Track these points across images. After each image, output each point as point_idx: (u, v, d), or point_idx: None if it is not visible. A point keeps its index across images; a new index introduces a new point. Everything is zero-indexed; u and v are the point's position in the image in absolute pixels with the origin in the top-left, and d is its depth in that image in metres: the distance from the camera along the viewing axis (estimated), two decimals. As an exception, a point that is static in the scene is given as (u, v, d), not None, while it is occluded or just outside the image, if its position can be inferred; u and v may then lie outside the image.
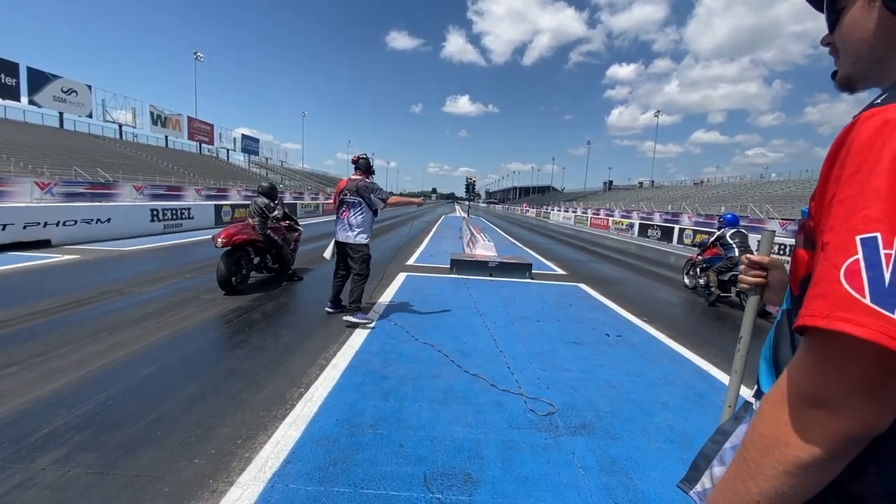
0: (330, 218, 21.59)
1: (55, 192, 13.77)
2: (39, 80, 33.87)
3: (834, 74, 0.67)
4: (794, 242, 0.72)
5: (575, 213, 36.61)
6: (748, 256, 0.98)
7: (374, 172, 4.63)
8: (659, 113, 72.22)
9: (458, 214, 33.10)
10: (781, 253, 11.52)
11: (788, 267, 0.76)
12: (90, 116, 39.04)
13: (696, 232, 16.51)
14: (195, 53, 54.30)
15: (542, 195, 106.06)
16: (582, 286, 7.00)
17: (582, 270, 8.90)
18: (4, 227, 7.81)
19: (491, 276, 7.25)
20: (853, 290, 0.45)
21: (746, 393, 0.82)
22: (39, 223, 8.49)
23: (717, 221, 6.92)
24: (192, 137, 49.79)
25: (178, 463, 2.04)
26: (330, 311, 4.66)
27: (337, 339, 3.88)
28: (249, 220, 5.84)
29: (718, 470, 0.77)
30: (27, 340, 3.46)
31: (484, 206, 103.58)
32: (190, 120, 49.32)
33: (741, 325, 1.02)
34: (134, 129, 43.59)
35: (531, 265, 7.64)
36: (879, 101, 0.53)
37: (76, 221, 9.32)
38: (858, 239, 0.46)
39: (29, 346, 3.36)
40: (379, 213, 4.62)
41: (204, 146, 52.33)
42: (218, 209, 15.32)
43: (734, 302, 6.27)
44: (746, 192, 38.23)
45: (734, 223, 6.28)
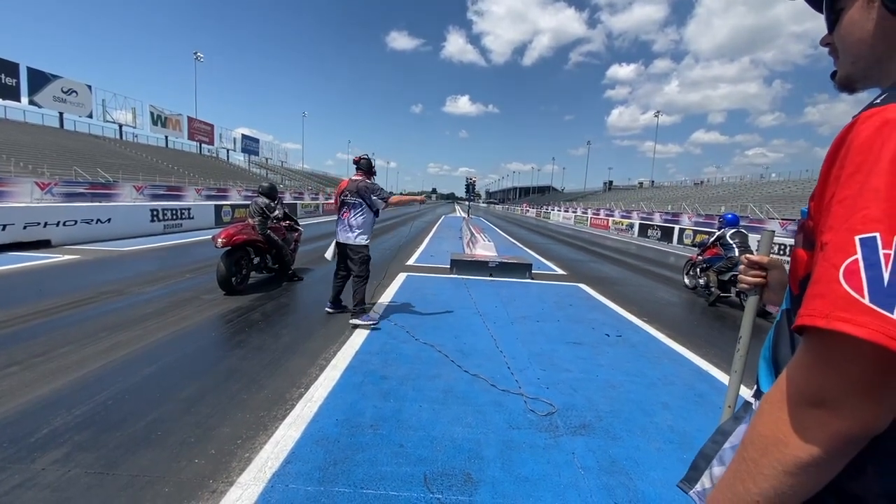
0: (330, 218, 21.61)
1: (55, 192, 13.77)
2: (39, 80, 33.86)
3: (833, 75, 0.67)
4: (793, 242, 0.72)
5: (575, 213, 36.59)
6: (748, 256, 0.98)
7: (375, 173, 4.63)
8: (659, 113, 72.26)
9: (458, 214, 33.07)
10: (781, 253, 11.52)
11: (788, 267, 0.76)
12: (90, 116, 39.04)
13: (696, 232, 16.51)
14: (195, 53, 54.31)
15: (542, 195, 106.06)
16: (582, 286, 6.99)
17: (582, 270, 8.90)
18: (4, 227, 7.82)
19: (491, 276, 7.25)
20: (852, 289, 0.45)
21: (746, 393, 0.82)
22: (39, 223, 8.50)
23: (717, 221, 6.93)
24: (192, 137, 49.78)
25: (178, 463, 2.04)
26: (330, 311, 4.66)
27: (337, 339, 3.88)
28: (249, 220, 5.85)
29: (718, 470, 0.77)
30: (27, 340, 3.47)
31: (484, 206, 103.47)
32: (190, 120, 49.30)
33: (741, 325, 1.02)
34: (134, 129, 43.68)
35: (531, 265, 7.65)
36: (879, 101, 0.53)
37: (76, 221, 9.33)
38: (857, 239, 0.46)
39: (29, 346, 3.36)
40: (380, 213, 4.63)
41: (204, 146, 52.31)
42: (218, 209, 15.33)
43: (734, 302, 6.27)
44: (746, 192, 38.23)
45: (734, 223, 6.29)
